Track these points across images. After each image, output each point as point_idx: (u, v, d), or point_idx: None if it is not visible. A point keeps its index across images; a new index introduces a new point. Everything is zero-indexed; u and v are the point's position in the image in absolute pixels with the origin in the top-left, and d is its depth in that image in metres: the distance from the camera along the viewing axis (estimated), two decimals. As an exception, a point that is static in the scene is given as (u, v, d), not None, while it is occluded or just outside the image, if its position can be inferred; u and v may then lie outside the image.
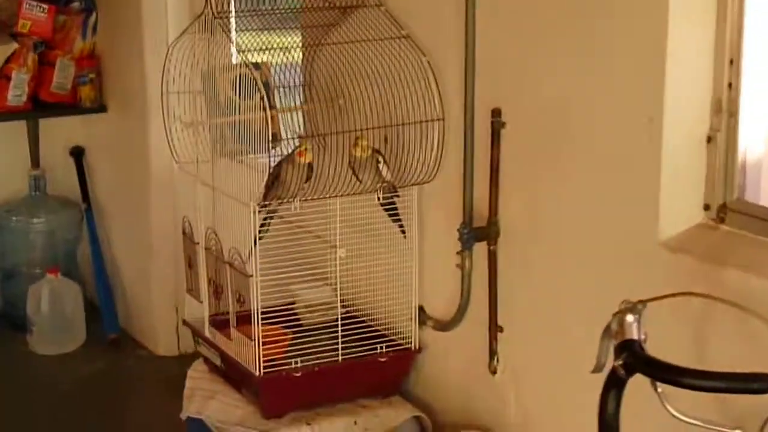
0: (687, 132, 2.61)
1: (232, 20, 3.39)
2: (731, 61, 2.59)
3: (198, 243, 3.47)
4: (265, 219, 3.19)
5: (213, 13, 3.23)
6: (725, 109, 2.60)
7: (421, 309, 3.40)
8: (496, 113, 3.04)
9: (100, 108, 5.04)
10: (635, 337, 2.03)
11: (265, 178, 3.09)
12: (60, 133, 5.27)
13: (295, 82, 3.60)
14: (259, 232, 3.17)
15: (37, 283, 4.91)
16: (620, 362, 2.01)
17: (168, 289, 4.85)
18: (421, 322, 3.40)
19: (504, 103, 3.03)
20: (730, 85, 2.60)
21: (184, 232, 3.57)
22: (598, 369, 2.13)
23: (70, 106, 5.01)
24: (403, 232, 3.37)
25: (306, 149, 3.16)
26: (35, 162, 5.26)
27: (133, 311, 5.10)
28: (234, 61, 3.32)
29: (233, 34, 3.31)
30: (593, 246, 2.82)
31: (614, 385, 2.02)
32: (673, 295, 2.23)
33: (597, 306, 2.42)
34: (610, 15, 2.69)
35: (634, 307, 2.05)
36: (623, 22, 2.66)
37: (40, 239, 5.18)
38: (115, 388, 4.75)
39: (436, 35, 3.25)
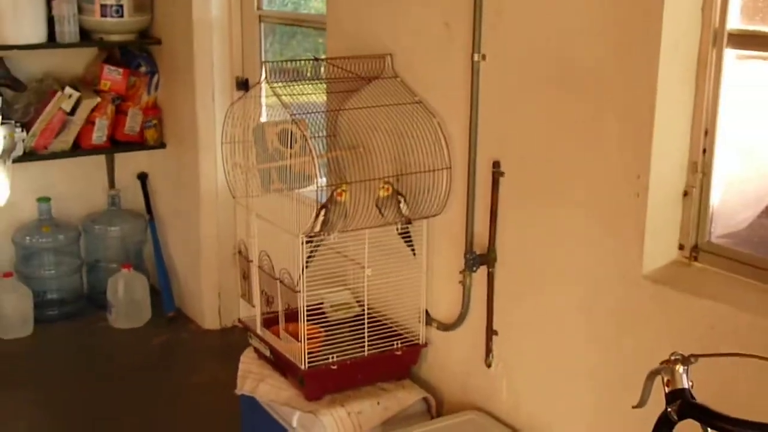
0: (668, 187, 2.15)
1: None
2: (706, 132, 2.13)
3: (252, 261, 2.90)
4: (311, 250, 2.62)
5: (269, 82, 2.66)
6: (700, 170, 2.14)
7: (427, 313, 2.87)
8: (496, 165, 2.53)
9: (161, 145, 4.52)
10: (685, 385, 1.51)
11: (313, 216, 2.53)
12: (130, 163, 4.70)
13: (322, 134, 3.04)
14: (308, 258, 2.61)
15: (115, 275, 4.44)
16: (674, 408, 1.49)
17: (212, 280, 4.36)
18: (428, 323, 2.88)
19: (503, 157, 2.53)
20: (704, 150, 2.14)
21: (240, 252, 2.99)
22: (641, 405, 1.61)
23: (138, 144, 4.50)
24: (414, 252, 2.83)
25: (344, 190, 2.62)
26: (112, 184, 4.71)
27: (186, 296, 4.56)
28: (278, 118, 2.77)
29: (284, 98, 2.71)
30: (575, 273, 2.34)
31: (666, 427, 1.51)
32: (724, 354, 1.70)
33: (575, 318, 2.32)
34: (604, 89, 2.17)
35: (686, 360, 1.52)
36: (616, 93, 2.14)
37: (116, 242, 4.63)
38: (174, 353, 4.26)
39: (445, 101, 2.72)
